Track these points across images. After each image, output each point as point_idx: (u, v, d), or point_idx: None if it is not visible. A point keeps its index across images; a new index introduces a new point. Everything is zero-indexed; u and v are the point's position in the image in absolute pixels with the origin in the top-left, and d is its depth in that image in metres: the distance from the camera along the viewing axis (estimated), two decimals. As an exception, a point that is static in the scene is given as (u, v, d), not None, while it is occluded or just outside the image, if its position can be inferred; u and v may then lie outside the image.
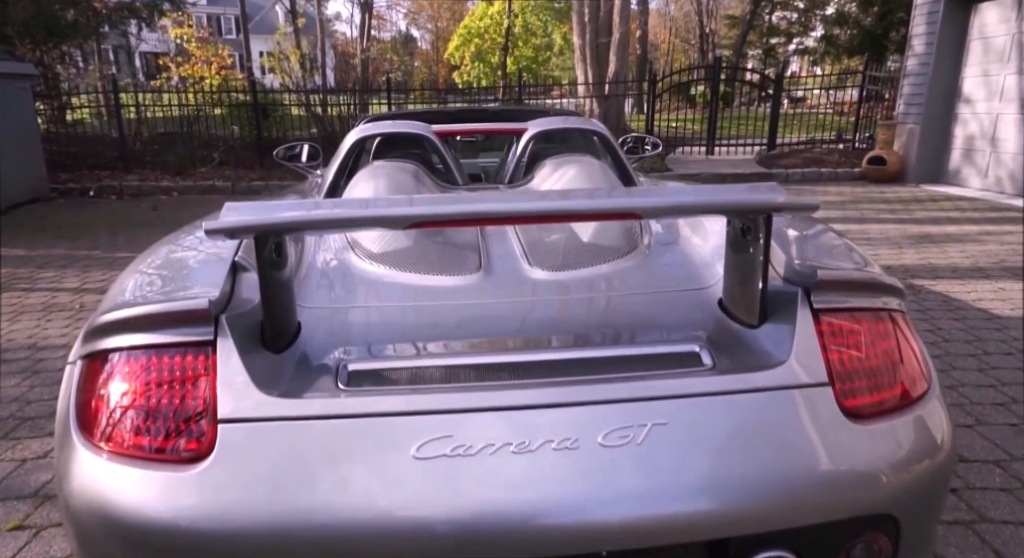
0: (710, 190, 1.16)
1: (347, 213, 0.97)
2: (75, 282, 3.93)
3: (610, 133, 2.36)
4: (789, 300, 1.11)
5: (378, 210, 0.97)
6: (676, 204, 1.02)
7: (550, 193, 1.12)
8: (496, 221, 1.06)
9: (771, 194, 1.05)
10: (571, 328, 1.17)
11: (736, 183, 1.26)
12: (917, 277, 3.76)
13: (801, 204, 1.05)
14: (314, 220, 0.98)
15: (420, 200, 1.06)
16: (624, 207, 0.99)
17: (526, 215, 0.99)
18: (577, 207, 0.99)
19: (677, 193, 1.11)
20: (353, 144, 2.17)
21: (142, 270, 1.26)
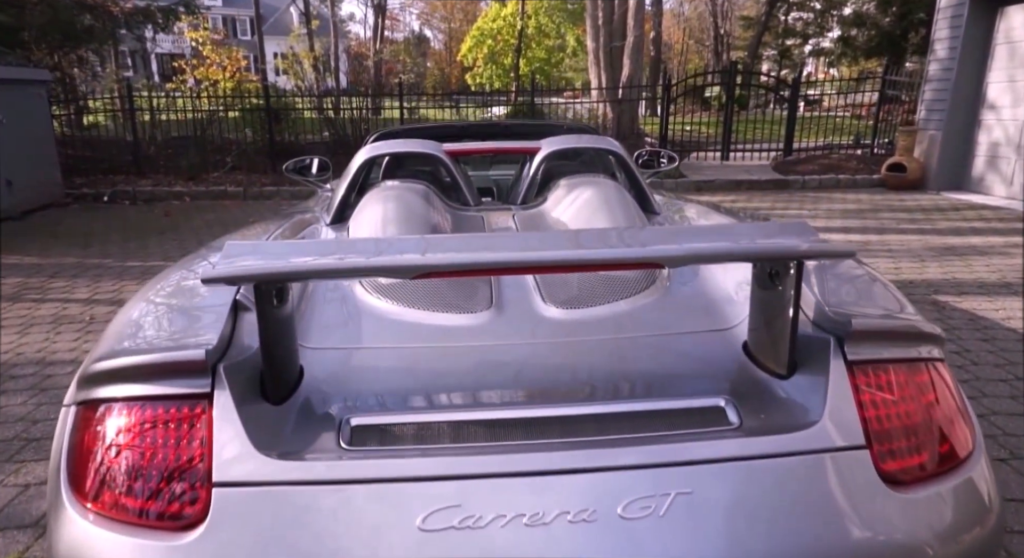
0: (738, 232, 1.09)
1: (354, 263, 0.91)
2: (86, 292, 3.92)
3: (625, 151, 2.29)
4: (820, 349, 1.03)
5: (386, 259, 0.91)
6: (702, 252, 0.95)
7: (567, 237, 1.05)
8: (510, 271, 1.00)
9: (804, 239, 0.98)
10: (587, 377, 1.10)
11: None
12: (941, 293, 3.65)
13: (836, 251, 0.97)
14: (319, 269, 0.92)
15: (431, 244, 1.00)
16: (646, 256, 0.92)
17: (542, 265, 0.93)
18: (596, 257, 0.92)
19: (703, 236, 1.04)
20: (362, 164, 2.12)
21: (142, 307, 1.21)
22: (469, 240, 1.06)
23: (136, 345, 1.02)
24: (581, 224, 1.80)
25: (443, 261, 0.90)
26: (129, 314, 1.16)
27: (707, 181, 7.70)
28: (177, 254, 4.89)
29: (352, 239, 1.25)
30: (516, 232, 1.40)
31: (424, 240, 1.09)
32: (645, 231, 1.11)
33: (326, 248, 1.04)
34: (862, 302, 1.17)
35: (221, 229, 5.82)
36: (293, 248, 1.05)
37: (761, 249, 0.95)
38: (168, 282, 1.34)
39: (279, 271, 0.91)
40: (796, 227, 1.10)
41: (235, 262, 0.91)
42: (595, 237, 1.03)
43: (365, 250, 1.00)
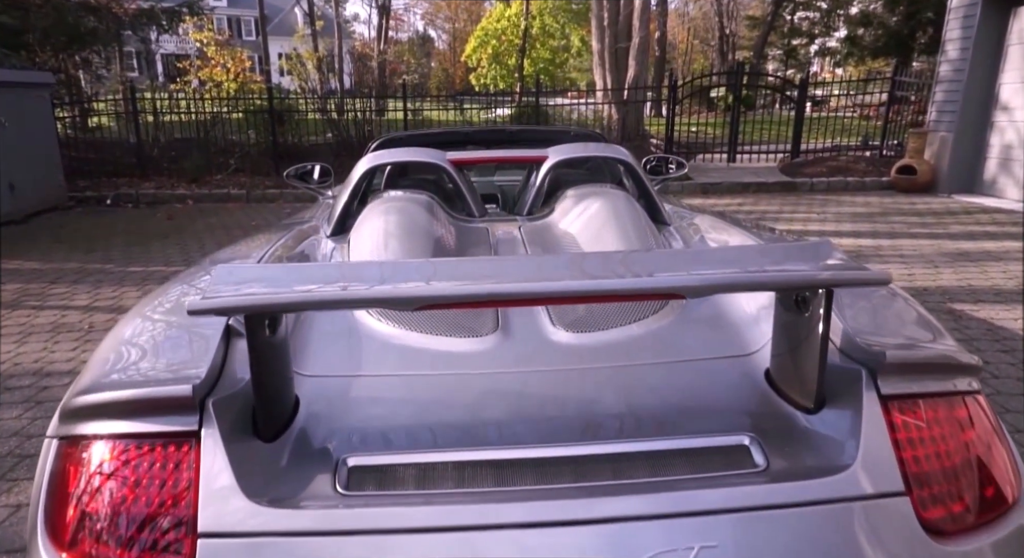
0: (762, 256, 1.02)
1: (352, 294, 0.85)
2: (86, 299, 3.87)
3: (634, 159, 2.22)
4: (851, 381, 0.96)
5: (387, 290, 0.85)
6: (726, 281, 0.88)
7: (580, 263, 0.98)
8: (520, 302, 0.93)
9: (835, 265, 0.91)
10: (600, 411, 1.03)
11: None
12: (956, 301, 3.56)
13: (870, 279, 0.90)
14: (313, 300, 0.85)
15: (435, 271, 0.94)
16: (666, 287, 0.86)
17: (554, 296, 0.86)
18: (611, 287, 0.85)
19: (725, 262, 0.97)
20: (364, 173, 2.05)
21: (131, 332, 1.14)
22: (475, 266, 0.99)
23: (121, 378, 0.96)
24: (590, 237, 1.73)
25: (447, 292, 0.84)
26: (116, 340, 1.10)
27: (713, 183, 7.61)
28: (179, 259, 4.84)
29: (350, 264, 1.18)
30: (526, 256, 1.33)
31: (428, 266, 1.02)
32: (663, 256, 1.04)
33: (322, 274, 0.97)
34: (894, 329, 1.10)
35: (224, 233, 5.77)
36: (286, 274, 0.99)
37: (790, 278, 0.89)
38: (162, 302, 1.28)
39: (270, 302, 0.84)
40: (823, 249, 1.03)
41: (224, 291, 0.85)
42: (609, 264, 0.96)
43: (365, 277, 0.93)
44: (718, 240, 1.74)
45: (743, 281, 0.89)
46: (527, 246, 1.80)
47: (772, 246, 1.11)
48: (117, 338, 1.10)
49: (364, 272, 0.96)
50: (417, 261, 1.15)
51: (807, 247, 1.10)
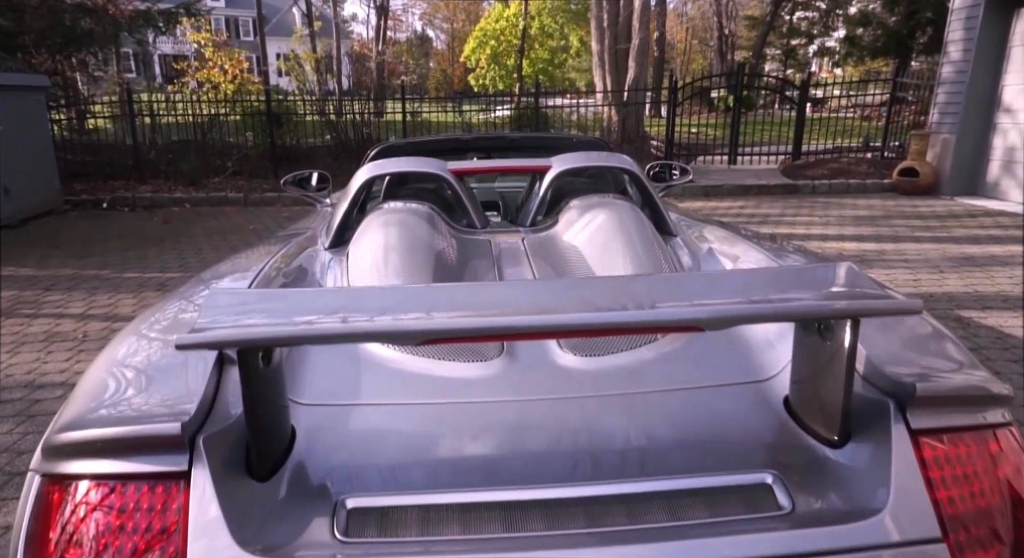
0: (785, 281, 0.96)
1: (351, 327, 0.80)
2: (80, 306, 3.82)
3: (639, 168, 2.17)
4: (878, 413, 0.91)
5: (389, 323, 0.80)
6: (747, 313, 0.83)
7: (591, 293, 0.93)
8: (529, 336, 0.88)
9: (862, 295, 0.86)
10: (612, 446, 0.98)
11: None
12: (964, 307, 3.51)
13: (901, 307, 0.85)
14: (310, 334, 0.80)
15: (438, 299, 0.88)
16: (685, 320, 0.80)
17: (565, 330, 0.81)
18: (626, 320, 0.80)
19: (745, 289, 0.92)
20: (363, 184, 2.00)
21: (119, 359, 1.09)
22: (482, 294, 0.94)
23: (106, 413, 0.91)
24: (596, 250, 1.68)
25: (453, 325, 0.79)
26: (103, 368, 1.04)
27: (715, 186, 7.56)
28: (176, 265, 4.79)
29: (350, 291, 1.12)
30: (534, 281, 1.28)
31: (432, 294, 0.97)
32: (677, 283, 0.98)
33: (320, 303, 0.92)
34: (920, 356, 1.05)
35: (221, 238, 5.72)
36: (281, 301, 0.94)
37: (816, 309, 0.83)
38: (151, 325, 1.23)
39: (262, 337, 0.79)
40: (846, 272, 0.98)
41: (214, 321, 0.80)
42: (622, 293, 0.90)
43: (365, 306, 0.88)
44: (728, 254, 1.69)
45: (766, 312, 0.84)
46: (531, 259, 1.75)
47: (793, 269, 1.06)
48: (103, 366, 1.05)
49: (365, 301, 0.91)
50: (420, 287, 1.09)
51: (829, 269, 1.05)
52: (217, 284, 1.48)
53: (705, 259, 1.77)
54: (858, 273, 0.98)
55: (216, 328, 0.79)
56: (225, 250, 5.27)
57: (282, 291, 1.06)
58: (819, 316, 0.86)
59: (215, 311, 0.85)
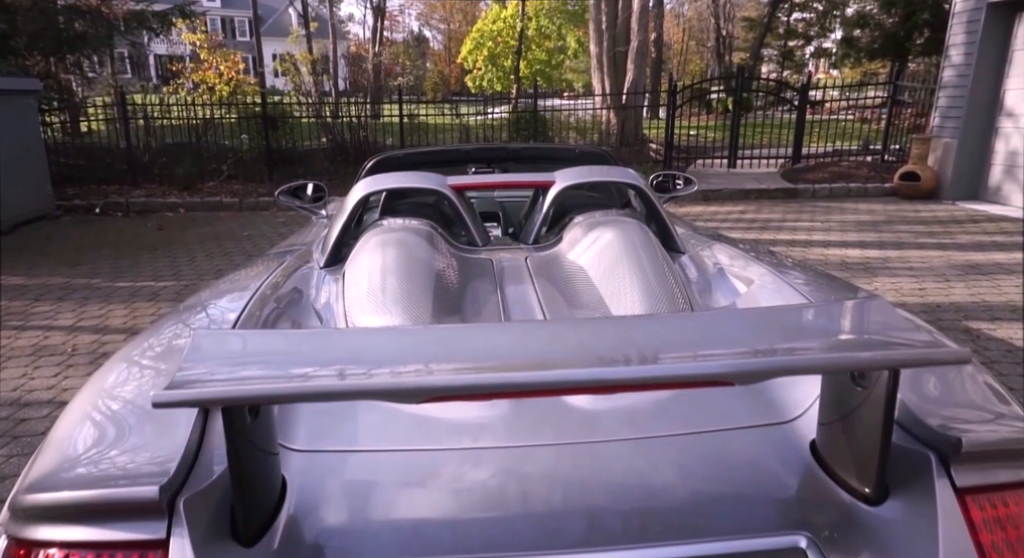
0: (815, 324, 0.89)
1: (348, 384, 0.72)
2: (70, 318, 3.73)
3: (645, 182, 2.10)
4: (918, 467, 0.84)
5: (388, 381, 0.72)
6: (782, 366, 0.76)
7: (606, 337, 0.85)
8: (543, 393, 0.80)
9: (904, 343, 0.78)
10: (627, 502, 0.90)
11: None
12: (972, 318, 3.45)
13: (949, 357, 0.78)
14: (305, 392, 0.72)
15: (441, 349, 0.81)
16: (711, 374, 0.73)
17: (583, 386, 0.74)
18: (648, 375, 0.73)
19: (771, 331, 0.85)
20: (360, 200, 1.92)
21: (93, 406, 1.00)
22: (487, 338, 0.86)
23: (78, 472, 0.83)
24: (603, 271, 1.61)
25: (457, 383, 0.71)
26: (76, 417, 0.96)
27: (715, 190, 7.50)
28: (169, 273, 4.70)
29: (344, 335, 1.04)
30: (544, 324, 1.20)
31: (432, 340, 0.89)
32: (700, 327, 0.91)
33: (311, 350, 0.84)
34: (963, 404, 0.97)
35: (215, 245, 5.63)
36: (270, 349, 0.86)
37: (856, 361, 0.76)
38: (130, 365, 1.14)
39: (248, 395, 0.72)
40: (880, 311, 0.91)
41: (194, 377, 0.73)
42: (642, 340, 0.83)
43: (361, 356, 0.81)
44: (740, 276, 1.62)
45: (803, 364, 0.77)
46: (534, 280, 1.68)
47: (823, 308, 0.99)
48: (75, 415, 0.97)
49: (361, 350, 0.83)
50: (421, 332, 1.01)
51: (861, 307, 0.98)
52: (205, 314, 1.41)
53: (715, 279, 1.70)
54: (891, 310, 0.92)
55: (196, 383, 0.71)
56: (219, 257, 5.18)
57: (271, 335, 0.98)
58: (861, 368, 0.79)
59: (196, 360, 0.78)
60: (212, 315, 1.39)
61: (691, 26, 35.93)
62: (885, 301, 0.97)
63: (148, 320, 3.68)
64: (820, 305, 1.07)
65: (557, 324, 1.02)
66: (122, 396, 1.01)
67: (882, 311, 0.91)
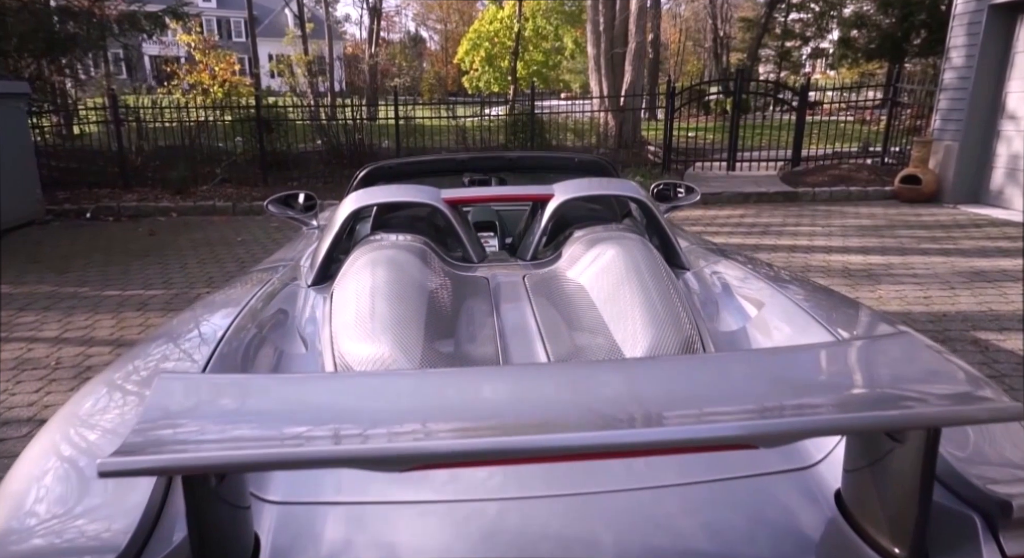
0: (846, 368, 0.81)
1: (325, 452, 0.63)
2: (55, 329, 3.63)
3: (647, 195, 2.01)
4: (961, 530, 0.76)
5: (378, 447, 0.63)
6: (817, 426, 0.68)
7: (615, 389, 0.77)
8: (538, 459, 0.72)
9: (951, 396, 0.70)
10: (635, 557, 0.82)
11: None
12: (980, 328, 3.38)
13: (1000, 413, 0.69)
14: (278, 460, 0.64)
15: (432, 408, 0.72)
16: (732, 436, 0.65)
17: (583, 450, 0.65)
18: (659, 438, 0.65)
19: (798, 381, 0.76)
20: (350, 215, 1.84)
21: (45, 460, 0.91)
22: (481, 395, 0.77)
23: (23, 546, 0.74)
24: (604, 292, 1.52)
25: (443, 450, 0.63)
26: (24, 475, 0.87)
27: (714, 193, 7.43)
28: (159, 281, 4.60)
29: (327, 381, 0.94)
30: (543, 368, 1.10)
31: (421, 387, 0.80)
32: (716, 375, 0.82)
33: (288, 407, 0.76)
34: (1010, 458, 0.89)
35: (208, 251, 5.53)
36: (240, 402, 0.77)
37: (894, 420, 0.68)
38: (92, 412, 1.05)
39: (209, 463, 0.63)
40: (912, 349, 0.83)
41: (148, 442, 0.64)
42: (653, 395, 0.74)
43: (344, 413, 0.72)
44: (749, 298, 1.54)
45: (836, 425, 0.68)
46: (532, 300, 1.59)
47: (851, 349, 0.90)
48: (24, 473, 0.87)
49: (343, 407, 0.74)
50: (410, 381, 0.91)
51: (892, 347, 0.90)
52: (182, 341, 1.32)
53: (723, 300, 1.62)
54: (925, 349, 0.83)
55: (150, 448, 0.63)
56: (211, 264, 5.08)
57: (244, 383, 0.89)
58: (901, 427, 0.70)
59: (155, 414, 0.69)
60: (190, 342, 1.31)
61: (688, 27, 35.91)
62: (917, 338, 0.89)
63: (135, 331, 3.58)
64: (845, 344, 0.98)
65: (557, 371, 0.93)
66: (80, 445, 0.93)
67: (915, 351, 0.83)
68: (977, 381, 0.76)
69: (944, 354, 0.99)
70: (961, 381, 0.75)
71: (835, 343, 1.03)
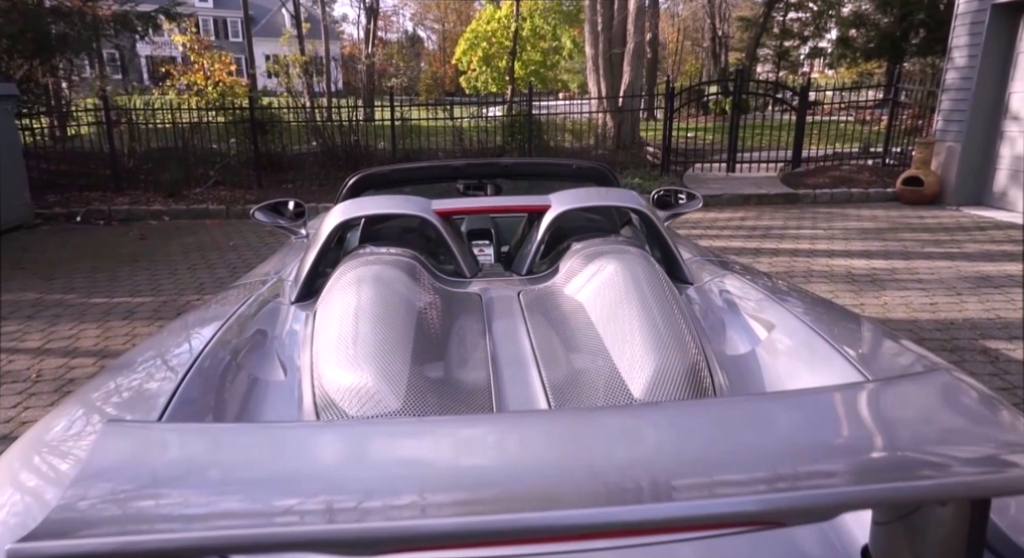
0: (880, 416, 0.72)
1: (286, 533, 0.53)
2: (38, 339, 3.53)
3: (649, 206, 1.92)
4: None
5: (341, 529, 0.54)
6: (848, 498, 0.58)
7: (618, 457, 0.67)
8: (536, 540, 0.62)
9: (1008, 453, 0.61)
10: None
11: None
12: (989, 337, 3.29)
13: None
14: (216, 545, 0.54)
15: (414, 479, 0.63)
16: (757, 511, 0.55)
17: (581, 530, 0.56)
18: (672, 515, 0.55)
19: (829, 446, 0.67)
20: (336, 228, 1.74)
21: (6, 482, 0.82)
22: (471, 457, 0.68)
23: None
24: (603, 312, 1.43)
25: (425, 531, 0.53)
26: None
27: (714, 195, 7.34)
28: (147, 288, 4.50)
29: (296, 434, 0.83)
30: (541, 419, 1.00)
31: (403, 451, 0.70)
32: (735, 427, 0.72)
33: (252, 471, 0.66)
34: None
35: (199, 256, 5.42)
36: (195, 463, 0.67)
37: (944, 490, 0.58)
38: (48, 443, 0.96)
39: (146, 548, 0.53)
40: (954, 389, 0.74)
41: (75, 518, 0.54)
42: (664, 464, 0.65)
43: (313, 482, 0.62)
44: (758, 318, 1.44)
45: (878, 496, 0.59)
46: (527, 319, 1.50)
47: (881, 391, 0.81)
48: None
49: (312, 475, 0.65)
50: (391, 436, 0.81)
51: (929, 388, 0.80)
52: (150, 367, 1.23)
53: (729, 319, 1.52)
54: (968, 391, 0.74)
55: (77, 530, 0.53)
56: (202, 270, 4.98)
57: (201, 436, 0.78)
58: (952, 497, 0.61)
59: (91, 482, 0.59)
60: (158, 370, 1.22)
61: (686, 26, 35.83)
62: (957, 377, 0.80)
63: (121, 341, 3.48)
64: (874, 387, 0.89)
65: (551, 425, 0.82)
66: (14, 508, 0.83)
67: (957, 394, 0.74)
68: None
69: (993, 400, 0.89)
70: (1015, 432, 0.66)
71: (862, 385, 0.94)
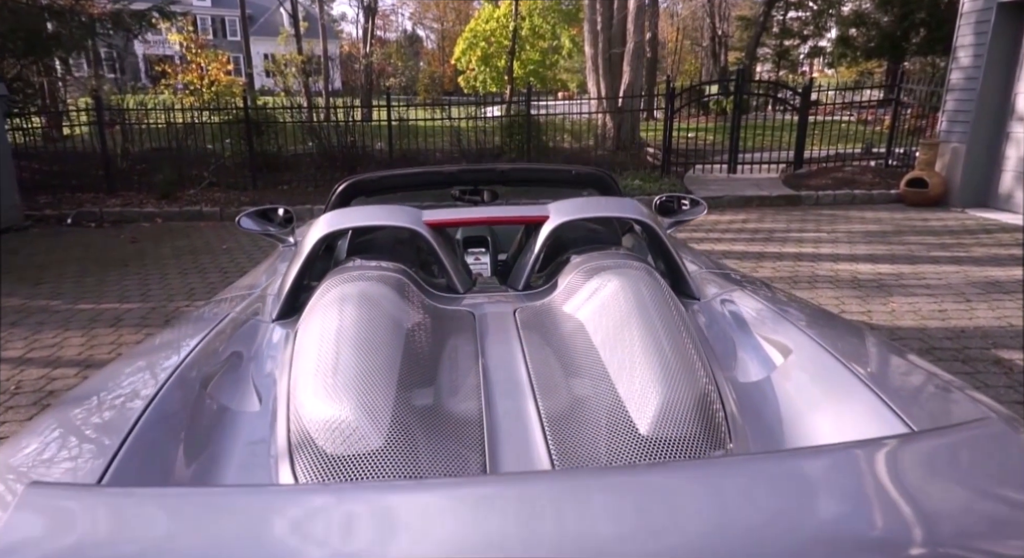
0: (931, 481, 0.62)
1: None
2: (20, 347, 3.42)
3: (650, 214, 1.82)
4: None
5: None
6: None
7: None
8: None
9: None
10: None
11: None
12: (1001, 346, 3.19)
13: None
14: None
15: None
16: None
17: None
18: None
19: (872, 518, 0.57)
20: (320, 240, 1.64)
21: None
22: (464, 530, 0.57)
23: None
24: (606, 334, 1.32)
25: None
26: None
27: (715, 197, 7.23)
28: (136, 294, 4.39)
29: (253, 501, 0.72)
30: (535, 479, 0.89)
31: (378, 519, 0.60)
32: (758, 496, 0.62)
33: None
34: None
35: (191, 260, 5.31)
36: (123, 535, 0.57)
37: None
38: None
39: None
40: (999, 437, 0.64)
41: None
42: (684, 536, 0.55)
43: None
44: (772, 341, 1.34)
45: None
46: (523, 341, 1.39)
47: (925, 445, 0.70)
48: None
49: None
50: (364, 504, 0.69)
51: (980, 440, 0.70)
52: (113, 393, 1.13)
53: (741, 341, 1.41)
54: (1008, 438, 0.64)
55: None
56: (193, 274, 4.87)
57: (137, 503, 0.68)
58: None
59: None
60: (111, 406, 1.11)
61: (686, 25, 35.71)
62: (1008, 428, 0.70)
63: (106, 350, 3.37)
64: (915, 441, 0.78)
65: (545, 493, 0.70)
66: None
67: (1011, 447, 0.64)
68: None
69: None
70: None
71: (902, 439, 0.83)
